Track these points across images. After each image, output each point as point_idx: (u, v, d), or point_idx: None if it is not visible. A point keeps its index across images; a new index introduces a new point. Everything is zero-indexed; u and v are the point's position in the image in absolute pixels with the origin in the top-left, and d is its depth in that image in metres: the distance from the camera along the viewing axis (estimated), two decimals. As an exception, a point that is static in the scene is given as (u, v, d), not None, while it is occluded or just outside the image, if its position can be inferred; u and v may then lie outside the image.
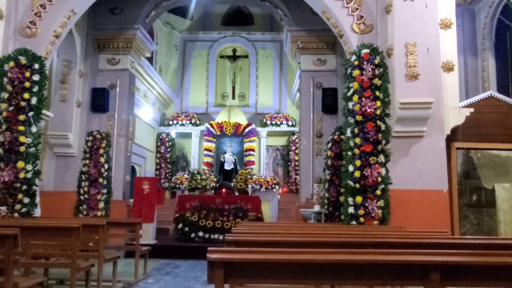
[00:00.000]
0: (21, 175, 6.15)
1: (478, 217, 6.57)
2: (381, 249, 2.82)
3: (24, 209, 6.15)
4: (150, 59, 12.12)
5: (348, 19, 6.80)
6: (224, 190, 10.41)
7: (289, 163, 13.59)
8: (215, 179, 11.61)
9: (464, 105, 6.62)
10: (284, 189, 13.25)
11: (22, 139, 6.21)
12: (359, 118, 5.95)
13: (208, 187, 11.13)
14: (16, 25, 6.91)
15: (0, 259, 3.33)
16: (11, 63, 6.41)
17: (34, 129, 6.41)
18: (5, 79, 6.38)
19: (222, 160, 13.08)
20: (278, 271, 2.29)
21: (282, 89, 14.56)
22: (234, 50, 15.04)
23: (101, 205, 8.19)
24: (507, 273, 2.35)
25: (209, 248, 2.35)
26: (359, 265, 2.32)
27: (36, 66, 6.50)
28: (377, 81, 6.01)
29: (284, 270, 2.29)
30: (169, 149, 13.71)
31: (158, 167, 13.55)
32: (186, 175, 11.27)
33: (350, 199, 5.89)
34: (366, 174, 5.78)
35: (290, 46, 10.03)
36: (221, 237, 8.63)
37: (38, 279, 3.77)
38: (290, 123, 13.72)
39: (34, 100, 6.39)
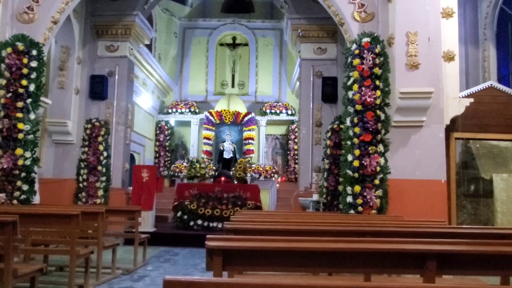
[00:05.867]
0: (20, 162, 6.15)
1: (476, 207, 6.61)
2: (379, 237, 2.85)
3: (23, 196, 6.16)
4: (149, 47, 12.03)
5: (349, 7, 6.74)
6: (223, 178, 10.43)
7: (288, 152, 13.60)
8: (214, 168, 11.61)
9: (464, 95, 6.61)
10: (283, 178, 13.28)
11: (20, 126, 6.20)
12: (358, 107, 5.94)
13: (207, 175, 11.13)
14: (13, 10, 6.83)
15: (0, 246, 3.35)
16: (9, 49, 6.36)
17: (32, 116, 6.38)
18: (3, 65, 6.34)
19: (221, 148, 13.09)
20: (276, 259, 2.31)
21: (282, 77, 14.49)
22: (234, 38, 14.93)
23: (100, 192, 8.21)
24: (502, 262, 2.38)
25: (207, 236, 2.36)
26: (356, 253, 2.34)
27: (34, 52, 6.45)
28: (377, 71, 5.99)
29: (282, 258, 2.31)
30: (168, 137, 13.70)
31: (157, 155, 13.55)
32: (185, 164, 11.27)
33: (348, 188, 5.90)
34: (365, 164, 5.80)
35: (291, 34, 9.96)
36: (220, 225, 8.66)
37: (37, 265, 3.80)
38: (289, 112, 13.69)
39: (32, 87, 6.36)
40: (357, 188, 5.81)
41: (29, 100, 6.33)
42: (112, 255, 5.47)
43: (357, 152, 5.84)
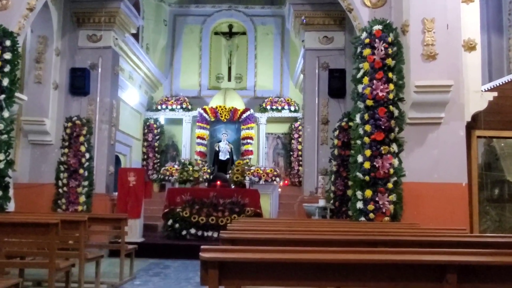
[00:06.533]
0: (-8, 165, 6.15)
1: (500, 213, 6.62)
2: (393, 248, 2.85)
3: (-4, 203, 6.17)
4: (136, 36, 12.04)
5: (359, -9, 6.76)
6: (218, 182, 10.45)
7: (291, 153, 13.63)
8: (208, 171, 11.64)
9: (486, 89, 6.62)
10: (286, 181, 13.30)
11: (-7, 125, 6.20)
12: (369, 102, 5.96)
13: (201, 179, 11.16)
14: (-16, -3, 6.84)
15: (-30, 258, 3.36)
16: (-20, 40, 6.37)
17: (6, 114, 6.39)
18: (-27, 58, 6.35)
19: (217, 149, 13.10)
20: (278, 271, 2.31)
21: (284, 70, 14.51)
22: (230, 26, 14.95)
23: (82, 199, 8.23)
24: (531, 274, 2.38)
25: (202, 247, 2.37)
26: (368, 265, 2.34)
27: (8, 43, 6.46)
28: (390, 62, 6.01)
29: (284, 270, 2.31)
30: (157, 137, 13.72)
31: (145, 156, 13.57)
32: (176, 166, 11.28)
33: (358, 193, 5.93)
34: (377, 165, 5.81)
35: (293, 21, 9.97)
36: (215, 235, 8.69)
37: (12, 280, 3.80)
38: (292, 108, 13.72)
39: (5, 82, 6.37)
40: (368, 193, 5.83)
41: (2, 96, 6.33)
42: (95, 268, 5.48)
43: (368, 152, 5.85)
